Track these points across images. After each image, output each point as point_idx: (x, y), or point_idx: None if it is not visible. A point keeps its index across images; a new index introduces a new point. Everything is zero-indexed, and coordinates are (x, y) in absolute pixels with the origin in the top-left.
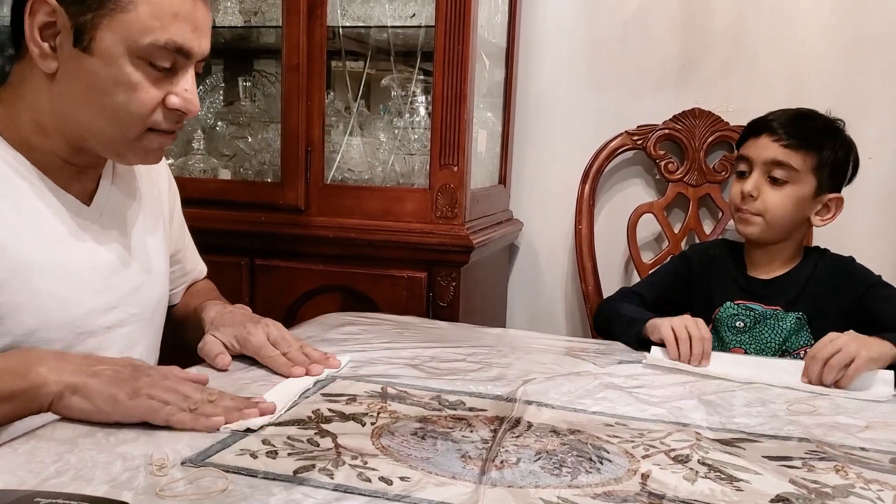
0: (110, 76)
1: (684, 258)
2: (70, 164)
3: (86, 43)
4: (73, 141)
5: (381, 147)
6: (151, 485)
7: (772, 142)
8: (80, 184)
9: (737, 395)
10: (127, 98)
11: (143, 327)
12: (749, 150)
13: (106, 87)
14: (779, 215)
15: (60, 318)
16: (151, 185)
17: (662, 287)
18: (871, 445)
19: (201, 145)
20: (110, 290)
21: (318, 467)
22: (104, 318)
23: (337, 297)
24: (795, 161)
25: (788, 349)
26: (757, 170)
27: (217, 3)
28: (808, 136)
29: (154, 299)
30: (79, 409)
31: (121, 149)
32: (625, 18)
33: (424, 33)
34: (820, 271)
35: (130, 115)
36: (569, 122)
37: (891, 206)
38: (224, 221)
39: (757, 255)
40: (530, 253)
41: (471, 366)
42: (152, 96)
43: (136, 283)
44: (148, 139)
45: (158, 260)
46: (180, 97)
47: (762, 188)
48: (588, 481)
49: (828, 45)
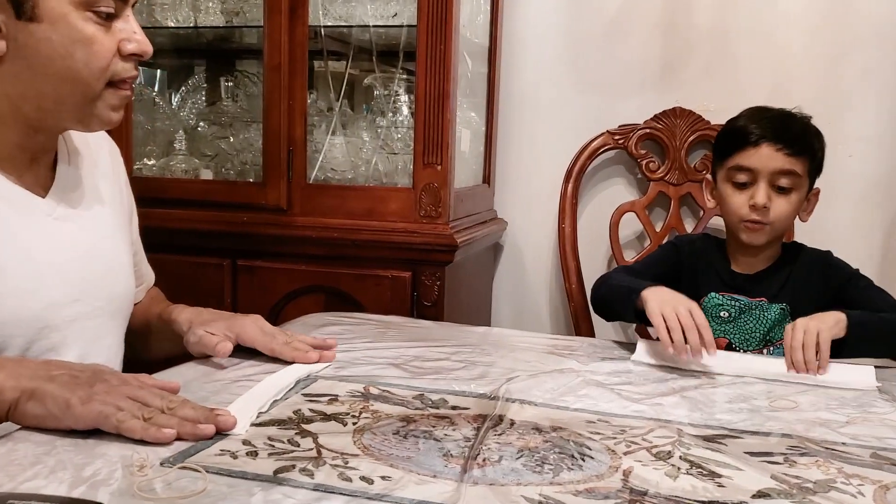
0: (65, 36)
1: (673, 245)
2: (24, 151)
3: (29, 12)
4: (31, 121)
5: (365, 146)
6: (129, 485)
7: (776, 151)
8: (33, 173)
9: (718, 392)
10: (86, 53)
11: (109, 320)
12: (750, 160)
13: (64, 50)
14: (785, 222)
15: (21, 314)
16: (115, 178)
17: (655, 271)
18: (852, 440)
19: (183, 145)
20: (72, 283)
21: (298, 467)
22: (67, 312)
23: (321, 298)
24: (799, 168)
25: (771, 340)
26: (763, 180)
27: (198, 3)
28: (802, 139)
29: (119, 292)
30: (32, 415)
31: (85, 114)
32: (607, 18)
33: (406, 33)
34: (800, 265)
35: (91, 70)
36: (551, 121)
37: (870, 203)
38: (206, 222)
39: (742, 252)
40: (514, 252)
41: (454, 364)
42: (107, 46)
43: (99, 274)
44: (109, 95)
45: (121, 252)
46: (133, 41)
47: (771, 197)
48: (570, 478)
49: (807, 44)
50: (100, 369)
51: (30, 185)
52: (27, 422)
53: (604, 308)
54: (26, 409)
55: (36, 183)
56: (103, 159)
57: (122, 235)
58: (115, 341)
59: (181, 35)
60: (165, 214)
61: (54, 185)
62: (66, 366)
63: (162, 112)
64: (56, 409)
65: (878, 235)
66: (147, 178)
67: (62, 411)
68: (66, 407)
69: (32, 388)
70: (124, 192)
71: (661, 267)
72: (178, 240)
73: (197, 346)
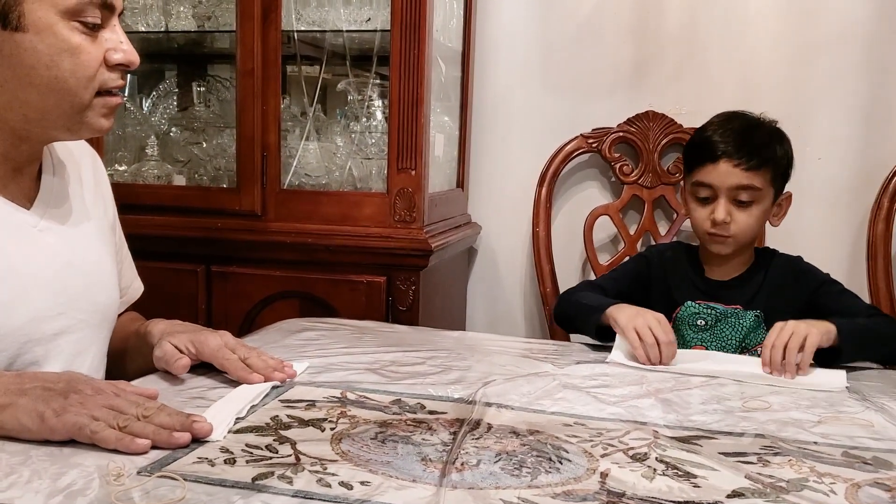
0: (51, 46)
1: (643, 258)
2: (8, 160)
3: (15, 22)
4: (17, 131)
5: (339, 151)
6: (107, 494)
7: (733, 167)
8: (17, 184)
9: (693, 394)
10: (72, 63)
11: (93, 333)
12: (709, 177)
13: (50, 60)
14: (749, 233)
15: (4, 329)
16: (98, 189)
17: (623, 283)
18: (823, 440)
19: (155, 151)
20: (56, 295)
21: (277, 474)
22: (50, 325)
23: (296, 303)
24: (758, 181)
25: (747, 346)
26: (722, 196)
27: (169, 7)
28: (763, 152)
29: (102, 304)
30: (7, 429)
31: (73, 123)
32: (578, 22)
33: (380, 37)
34: (773, 271)
35: (78, 80)
36: (525, 125)
37: (839, 206)
38: (179, 228)
39: (714, 259)
40: (489, 256)
41: (430, 369)
42: (94, 56)
43: (82, 287)
44: (98, 105)
45: (105, 264)
46: (119, 51)
47: (731, 212)
48: (548, 481)
49: (777, 48)
50: (74, 378)
51: (14, 197)
52: (1, 434)
53: (565, 323)
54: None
55: (21, 194)
56: (87, 170)
57: (106, 246)
58: (99, 351)
59: (152, 40)
60: (138, 220)
61: (38, 197)
62: (39, 377)
63: (133, 118)
64: (30, 423)
65: (847, 237)
66: (119, 183)
67: (36, 424)
68: (41, 420)
69: (4, 403)
70: (108, 202)
71: (627, 281)
72: (151, 246)
73: (160, 360)
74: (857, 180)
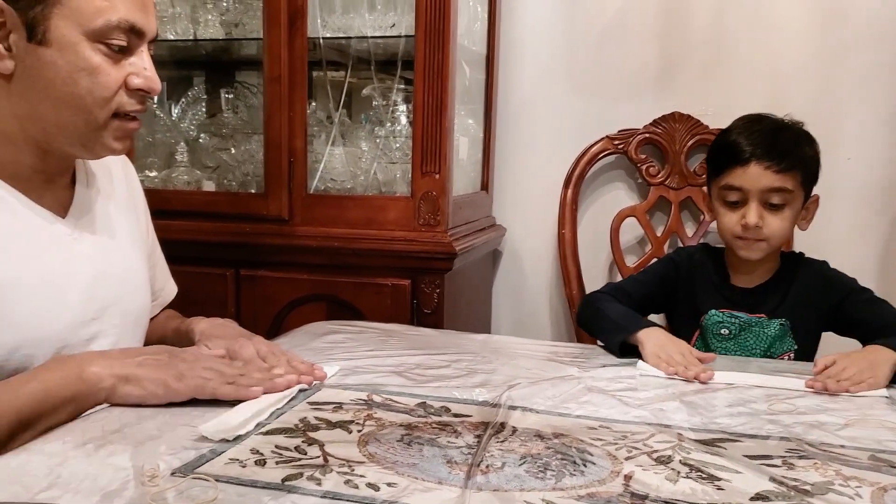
0: (71, 64)
1: (672, 261)
2: (39, 172)
3: (40, 36)
4: (40, 143)
5: (364, 156)
6: (142, 495)
7: (764, 170)
8: (52, 193)
9: (718, 396)
10: (90, 82)
11: (126, 338)
12: (739, 180)
13: (68, 76)
14: (781, 237)
15: (40, 334)
16: (130, 195)
17: (650, 286)
18: (849, 443)
19: (185, 157)
20: (89, 303)
21: (306, 475)
22: (85, 331)
23: (322, 306)
24: (790, 183)
25: (772, 355)
26: (753, 199)
27: (197, 15)
28: (793, 153)
29: (135, 310)
30: (135, 396)
31: (88, 140)
32: (603, 23)
33: (404, 42)
34: (799, 278)
35: (95, 99)
36: (550, 127)
37: (868, 206)
38: (209, 233)
39: (741, 265)
40: (514, 258)
41: (455, 372)
42: (113, 78)
43: (115, 294)
44: (114, 126)
45: (138, 270)
46: (141, 76)
47: (763, 215)
48: (572, 483)
49: (805, 48)
50: (171, 350)
51: (50, 206)
52: (128, 401)
53: (588, 329)
54: (126, 392)
55: (55, 203)
56: (118, 176)
57: (139, 252)
58: None
59: (180, 47)
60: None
61: (73, 206)
62: (143, 351)
63: (162, 124)
64: (156, 388)
65: (877, 239)
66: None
67: (163, 389)
68: (165, 386)
69: (126, 374)
70: (140, 208)
71: (654, 285)
72: (181, 251)
73: None
74: (888, 180)
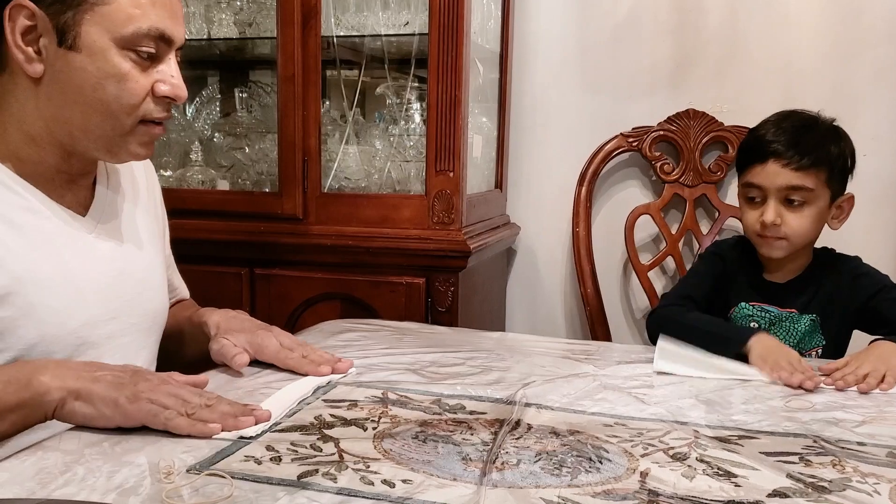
0: (99, 69)
1: (717, 255)
2: (62, 173)
3: (71, 41)
4: (65, 145)
5: (377, 154)
6: (158, 492)
7: (782, 168)
8: (74, 193)
9: (735, 393)
10: (117, 89)
11: (143, 337)
12: (758, 177)
13: (96, 82)
14: (802, 235)
15: (60, 331)
16: (150, 195)
17: (706, 287)
18: (867, 440)
19: (199, 157)
20: (109, 301)
21: (321, 472)
22: (104, 329)
23: (337, 305)
24: (810, 181)
25: (801, 350)
26: (772, 197)
27: (211, 14)
28: (816, 152)
29: (153, 309)
30: (81, 415)
31: (114, 145)
32: (617, 21)
33: (418, 41)
34: (831, 274)
35: (122, 106)
36: (564, 125)
37: (885, 204)
38: (223, 232)
39: (770, 261)
40: (528, 256)
41: (470, 370)
42: (141, 85)
43: (135, 292)
44: (140, 132)
45: (156, 270)
46: (168, 84)
47: (782, 214)
48: (588, 480)
49: (820, 43)
50: (138, 370)
51: (71, 205)
52: (76, 420)
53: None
54: (74, 409)
55: (76, 203)
56: (139, 177)
57: (157, 252)
58: (149, 356)
59: (194, 47)
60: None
61: (93, 205)
62: (106, 367)
63: (177, 124)
64: (105, 409)
65: (893, 235)
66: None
67: (111, 410)
68: (115, 406)
69: (78, 389)
70: (158, 209)
71: (709, 284)
72: (196, 250)
73: (218, 354)
74: None
